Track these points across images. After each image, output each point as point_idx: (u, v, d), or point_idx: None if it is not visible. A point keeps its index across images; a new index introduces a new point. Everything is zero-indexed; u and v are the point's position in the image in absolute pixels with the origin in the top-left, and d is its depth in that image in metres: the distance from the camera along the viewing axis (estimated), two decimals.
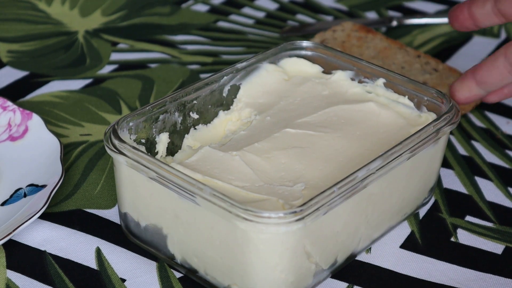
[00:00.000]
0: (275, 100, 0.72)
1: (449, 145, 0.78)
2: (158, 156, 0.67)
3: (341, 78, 0.73)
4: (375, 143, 0.65)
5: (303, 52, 0.75)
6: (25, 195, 0.67)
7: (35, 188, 0.67)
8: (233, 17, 1.02)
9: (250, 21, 1.01)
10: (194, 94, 0.69)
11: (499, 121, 0.83)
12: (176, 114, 0.68)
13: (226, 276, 0.59)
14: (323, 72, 0.75)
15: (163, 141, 0.67)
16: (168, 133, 0.67)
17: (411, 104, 0.69)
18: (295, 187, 0.61)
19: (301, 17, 1.03)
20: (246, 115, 0.71)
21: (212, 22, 1.01)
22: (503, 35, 1.01)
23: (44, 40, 0.95)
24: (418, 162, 0.64)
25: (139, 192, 0.62)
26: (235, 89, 0.72)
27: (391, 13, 1.05)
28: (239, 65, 0.72)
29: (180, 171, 0.58)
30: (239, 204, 0.54)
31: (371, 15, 1.04)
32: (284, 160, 0.64)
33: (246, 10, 1.04)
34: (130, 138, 0.64)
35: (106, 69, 0.90)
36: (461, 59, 0.94)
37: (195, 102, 0.69)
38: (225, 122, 0.71)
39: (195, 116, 0.69)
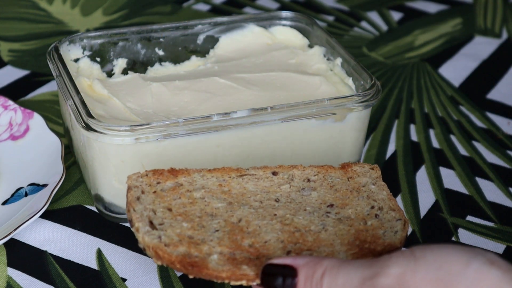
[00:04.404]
0: (241, 56, 0.76)
1: (450, 146, 0.78)
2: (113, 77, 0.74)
3: (316, 52, 0.76)
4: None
5: (294, 23, 0.79)
6: (26, 194, 0.67)
7: (36, 187, 0.67)
8: None
9: None
10: (162, 33, 0.76)
11: (500, 121, 0.83)
12: (139, 45, 0.75)
13: (92, 184, 0.65)
14: (309, 46, 0.78)
15: (119, 64, 0.75)
16: (126, 60, 0.75)
17: (353, 86, 0.71)
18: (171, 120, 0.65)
19: None
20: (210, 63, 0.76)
21: None
22: (505, 35, 1.01)
23: (45, 39, 0.95)
24: (303, 130, 0.66)
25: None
26: (213, 40, 0.77)
27: (392, 13, 1.05)
28: (219, 19, 0.77)
29: (70, 79, 0.65)
30: (85, 113, 0.61)
31: (372, 15, 1.04)
32: (187, 99, 0.68)
33: (247, 10, 1.04)
34: (83, 54, 0.73)
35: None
36: (463, 59, 0.94)
37: (161, 40, 0.76)
38: (195, 66, 0.76)
39: (160, 52, 0.76)
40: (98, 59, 0.74)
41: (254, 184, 0.58)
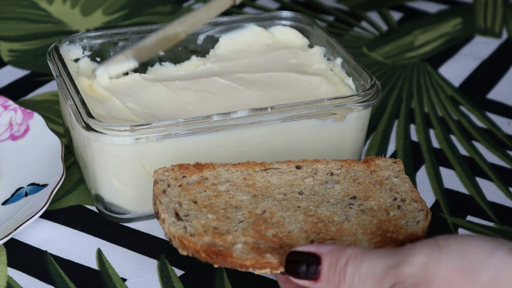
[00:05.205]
0: (241, 56, 0.76)
1: (450, 146, 0.78)
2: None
3: (316, 52, 0.76)
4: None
5: (294, 23, 0.79)
6: (26, 194, 0.67)
7: (36, 187, 0.67)
8: None
9: None
10: None
11: (500, 121, 0.83)
12: None
13: (92, 184, 0.65)
14: (309, 46, 0.78)
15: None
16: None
17: (353, 86, 0.71)
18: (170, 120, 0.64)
19: None
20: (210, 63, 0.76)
21: None
22: (505, 35, 1.01)
23: (45, 39, 0.95)
24: (304, 130, 0.66)
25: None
26: (213, 40, 0.77)
27: (392, 13, 1.05)
28: (219, 19, 0.77)
29: (70, 79, 0.65)
30: (85, 113, 0.61)
31: (372, 15, 1.04)
32: (188, 100, 0.69)
33: (247, 10, 1.04)
34: (83, 54, 0.73)
35: None
36: (463, 59, 0.94)
37: None
38: (195, 66, 0.76)
39: (160, 52, 0.76)
40: (98, 59, 0.74)
41: (278, 178, 0.59)
